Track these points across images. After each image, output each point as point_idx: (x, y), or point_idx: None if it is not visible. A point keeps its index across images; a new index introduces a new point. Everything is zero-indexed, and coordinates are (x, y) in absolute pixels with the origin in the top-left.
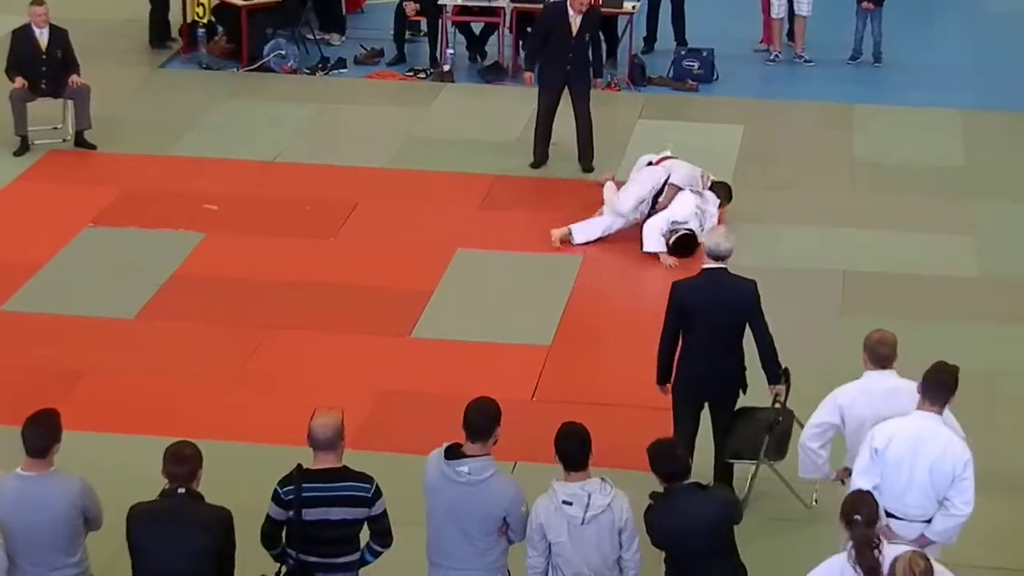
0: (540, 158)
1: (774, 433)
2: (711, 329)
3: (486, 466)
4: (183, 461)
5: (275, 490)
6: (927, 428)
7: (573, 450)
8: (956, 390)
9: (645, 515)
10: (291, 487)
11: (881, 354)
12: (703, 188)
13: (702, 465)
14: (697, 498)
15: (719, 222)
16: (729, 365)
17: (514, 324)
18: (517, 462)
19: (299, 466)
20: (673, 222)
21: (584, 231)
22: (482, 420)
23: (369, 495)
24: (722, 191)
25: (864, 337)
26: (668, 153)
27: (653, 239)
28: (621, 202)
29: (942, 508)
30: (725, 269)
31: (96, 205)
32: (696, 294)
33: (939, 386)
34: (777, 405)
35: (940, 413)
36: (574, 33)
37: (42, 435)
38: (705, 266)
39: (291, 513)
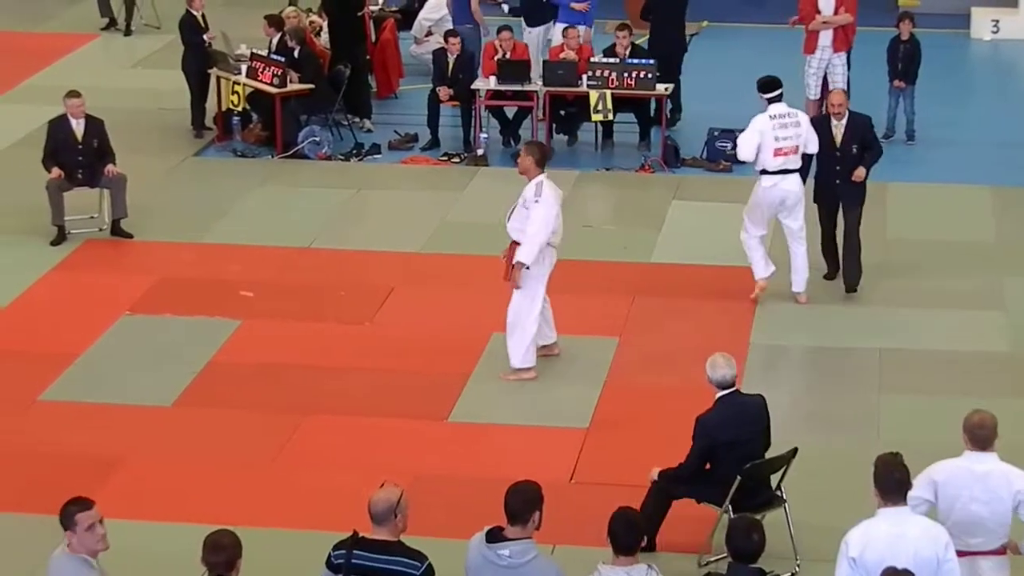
0: (832, 271)
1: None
2: (741, 457)
3: (527, 549)
4: (221, 550)
5: (328, 554)
6: (897, 522)
7: (622, 533)
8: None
9: None
10: (343, 551)
11: (980, 436)
12: None
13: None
14: None
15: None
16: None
17: (551, 406)
18: (556, 545)
19: (355, 532)
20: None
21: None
22: (520, 503)
23: (417, 573)
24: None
25: (963, 418)
26: None
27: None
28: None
29: None
30: (737, 390)
31: (133, 293)
32: (725, 430)
33: (897, 485)
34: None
35: (905, 504)
36: (838, 143)
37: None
38: (720, 395)
39: None
